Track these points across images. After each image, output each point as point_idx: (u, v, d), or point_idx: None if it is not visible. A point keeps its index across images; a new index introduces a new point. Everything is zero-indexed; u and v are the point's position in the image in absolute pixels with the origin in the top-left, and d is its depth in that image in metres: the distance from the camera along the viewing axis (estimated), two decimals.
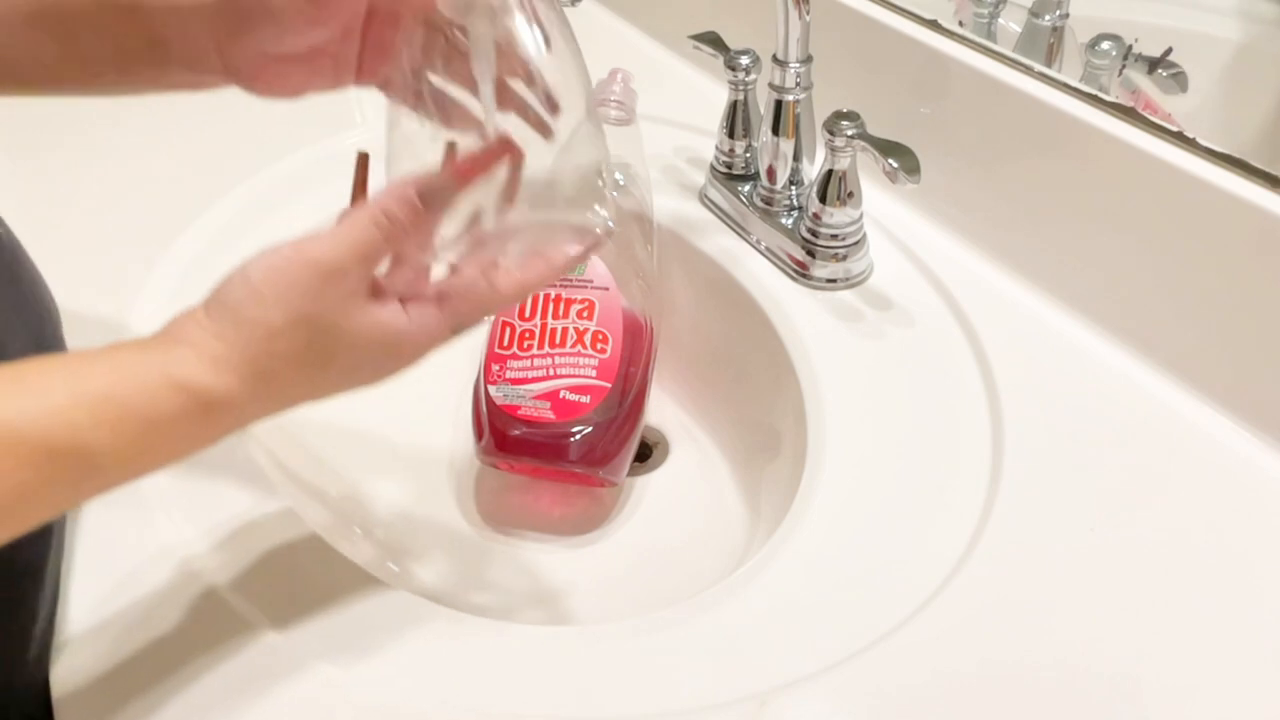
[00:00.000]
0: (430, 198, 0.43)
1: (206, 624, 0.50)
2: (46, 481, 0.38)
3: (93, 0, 0.49)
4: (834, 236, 0.70)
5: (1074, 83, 0.66)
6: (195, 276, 0.72)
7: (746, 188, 0.77)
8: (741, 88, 0.75)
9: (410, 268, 0.45)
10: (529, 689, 0.48)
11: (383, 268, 0.44)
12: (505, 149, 0.45)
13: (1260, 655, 0.49)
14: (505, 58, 0.46)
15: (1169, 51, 0.68)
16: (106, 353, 0.40)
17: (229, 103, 0.54)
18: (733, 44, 0.75)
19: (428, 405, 0.75)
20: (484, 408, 0.69)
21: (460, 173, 0.44)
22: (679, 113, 0.86)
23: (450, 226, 0.45)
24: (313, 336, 0.42)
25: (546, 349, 0.68)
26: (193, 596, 0.51)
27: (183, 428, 0.40)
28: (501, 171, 0.46)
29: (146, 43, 0.49)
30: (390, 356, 0.44)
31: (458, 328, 0.45)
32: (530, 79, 0.47)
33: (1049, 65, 0.69)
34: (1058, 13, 0.73)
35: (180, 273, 0.72)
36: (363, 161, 0.55)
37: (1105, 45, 0.70)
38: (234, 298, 0.42)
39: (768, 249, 0.74)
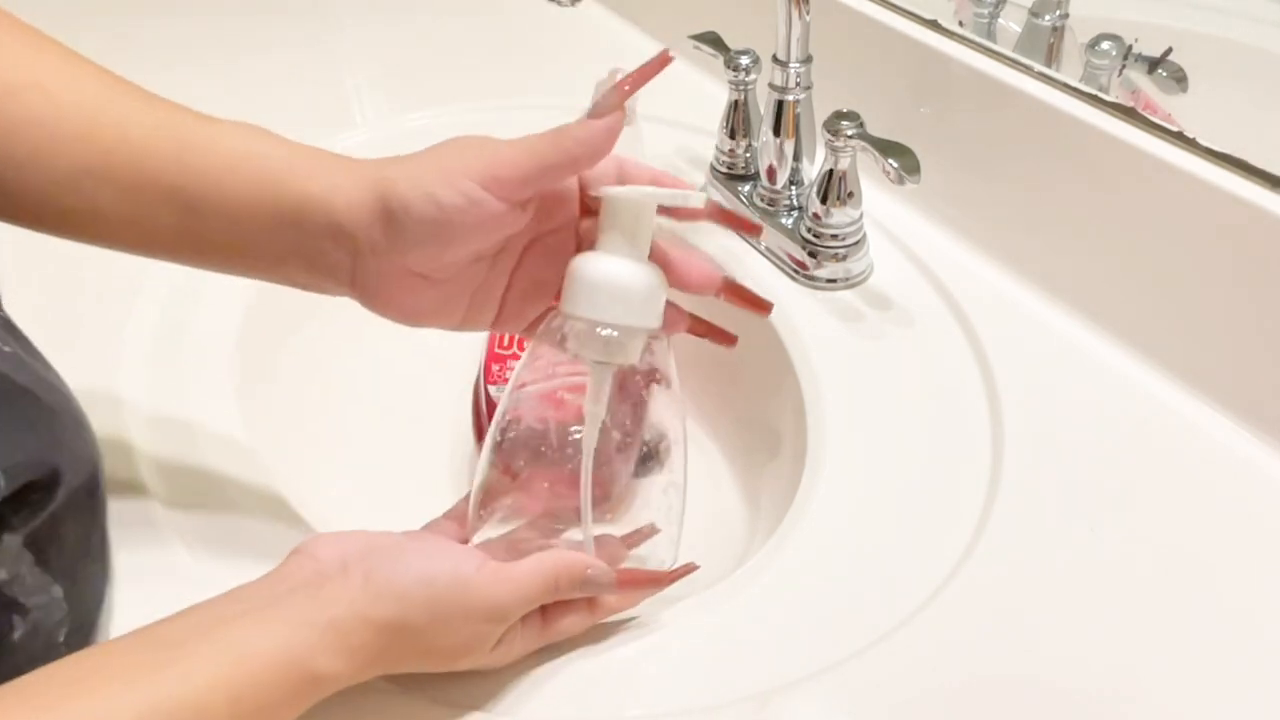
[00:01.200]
0: (591, 584, 0.48)
1: None
2: None
3: (249, 202, 0.47)
4: (834, 236, 0.70)
5: (1074, 83, 0.66)
6: (194, 277, 0.72)
7: (746, 188, 0.77)
8: (741, 88, 0.75)
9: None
10: (527, 689, 0.48)
11: None
12: (664, 581, 0.51)
13: (1261, 656, 0.49)
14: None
15: (1169, 51, 0.68)
16: (265, 633, 0.41)
17: (228, 102, 0.54)
18: (733, 44, 0.75)
19: (428, 406, 0.75)
20: (484, 408, 0.69)
21: (623, 583, 0.49)
22: (679, 113, 0.86)
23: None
24: (447, 647, 0.45)
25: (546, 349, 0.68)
26: None
27: (298, 707, 0.42)
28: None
29: (285, 254, 0.48)
30: (490, 664, 0.48)
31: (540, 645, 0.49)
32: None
33: (1049, 65, 0.69)
34: (1058, 13, 0.73)
35: (179, 273, 0.72)
36: None
37: (1105, 45, 0.70)
38: (407, 595, 0.44)
39: (768, 249, 0.74)
